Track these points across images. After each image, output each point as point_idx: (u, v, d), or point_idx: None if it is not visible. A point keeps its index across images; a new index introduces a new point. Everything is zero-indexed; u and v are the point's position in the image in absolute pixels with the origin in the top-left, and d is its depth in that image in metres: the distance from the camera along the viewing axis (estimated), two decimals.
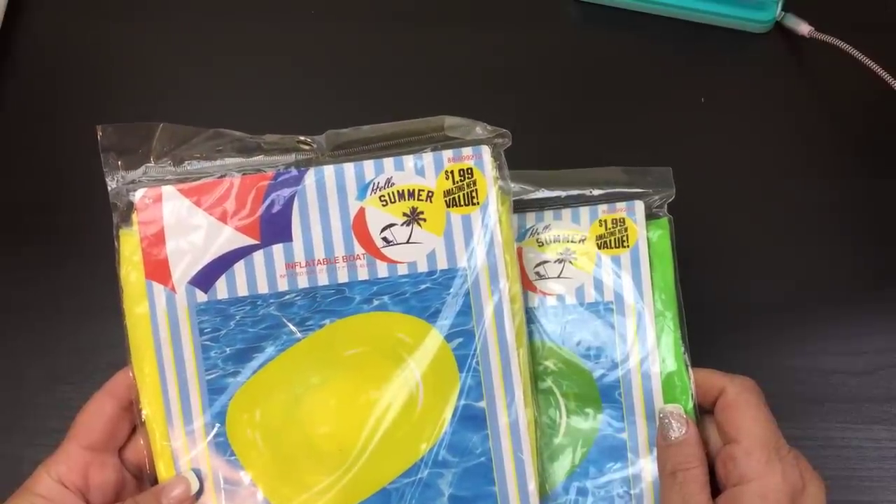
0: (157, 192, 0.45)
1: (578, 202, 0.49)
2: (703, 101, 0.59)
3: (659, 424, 0.46)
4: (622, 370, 0.47)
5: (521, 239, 0.49)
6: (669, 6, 0.60)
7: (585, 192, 0.49)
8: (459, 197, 0.46)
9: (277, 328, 0.46)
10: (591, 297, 0.48)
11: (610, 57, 0.60)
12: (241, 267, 0.45)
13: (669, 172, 0.48)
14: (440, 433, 0.45)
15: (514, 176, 0.47)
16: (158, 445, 0.45)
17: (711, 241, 0.55)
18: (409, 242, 0.46)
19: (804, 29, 0.57)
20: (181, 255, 0.45)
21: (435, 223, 0.46)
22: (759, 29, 0.59)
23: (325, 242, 0.46)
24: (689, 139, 0.58)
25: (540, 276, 0.49)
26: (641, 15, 0.60)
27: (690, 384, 0.46)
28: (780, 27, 0.59)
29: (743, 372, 0.45)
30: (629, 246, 0.48)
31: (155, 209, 0.45)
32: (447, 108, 0.47)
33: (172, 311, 0.45)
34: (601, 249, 0.48)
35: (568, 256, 0.48)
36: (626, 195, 0.48)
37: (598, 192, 0.49)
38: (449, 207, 0.46)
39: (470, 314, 0.45)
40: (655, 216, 0.49)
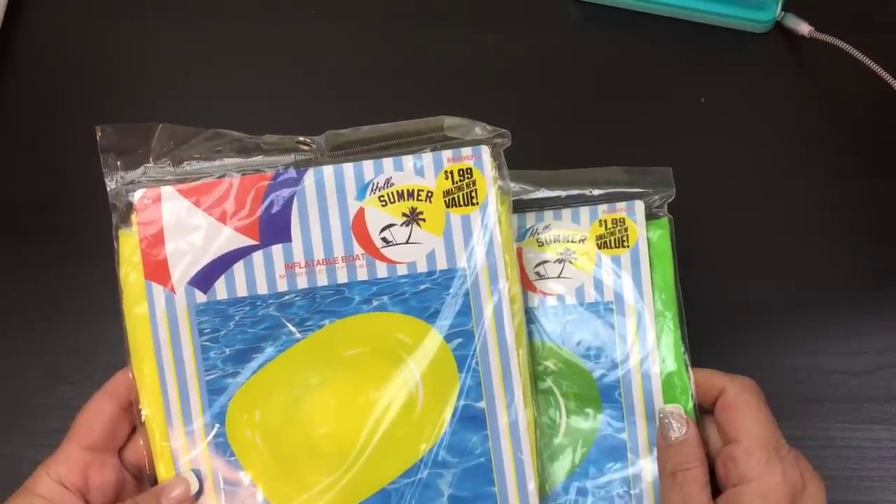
0: (156, 192, 0.45)
1: (578, 202, 0.49)
2: (703, 101, 0.59)
3: (659, 424, 0.45)
4: (622, 370, 0.47)
5: (521, 239, 0.49)
6: (669, 6, 0.60)
7: (585, 192, 0.49)
8: (459, 197, 0.46)
9: (277, 329, 0.46)
10: (591, 297, 0.48)
11: (610, 57, 0.60)
12: (240, 267, 0.45)
13: (669, 172, 0.48)
14: (440, 433, 0.45)
15: (514, 176, 0.47)
16: (158, 446, 0.45)
17: (711, 241, 0.55)
18: (408, 243, 0.46)
19: (804, 29, 0.57)
20: (180, 255, 0.45)
21: (434, 223, 0.46)
22: (759, 29, 0.59)
23: (324, 243, 0.46)
24: (689, 139, 0.58)
25: (540, 276, 0.48)
26: (641, 15, 0.60)
27: (690, 384, 0.46)
28: (780, 27, 0.59)
29: (743, 372, 0.45)
30: (629, 246, 0.48)
31: (154, 209, 0.45)
32: (447, 108, 0.47)
33: (172, 311, 0.45)
34: (601, 249, 0.48)
35: (568, 256, 0.48)
36: (626, 195, 0.48)
37: (598, 192, 0.49)
38: (448, 207, 0.46)
39: (469, 314, 0.45)
40: (655, 216, 0.49)
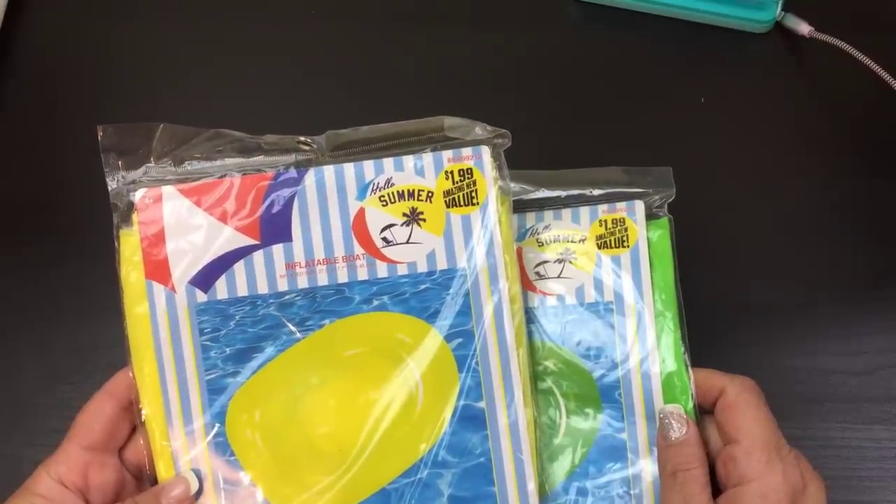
0: (157, 192, 0.45)
1: (578, 202, 0.49)
2: (703, 101, 0.59)
3: (659, 425, 0.45)
4: (622, 370, 0.47)
5: (521, 239, 0.49)
6: (669, 6, 0.60)
7: (585, 192, 0.49)
8: (459, 197, 0.46)
9: (277, 328, 0.46)
10: (591, 297, 0.48)
11: (610, 57, 0.60)
12: (240, 267, 0.45)
13: (669, 172, 0.48)
14: (440, 433, 0.45)
15: (514, 176, 0.47)
16: (158, 445, 0.45)
17: (711, 241, 0.55)
18: (408, 243, 0.46)
19: (804, 29, 0.57)
20: (181, 255, 0.45)
21: (435, 223, 0.46)
22: (759, 29, 0.59)
23: (324, 242, 0.46)
24: (689, 139, 0.58)
25: (540, 276, 0.48)
26: (641, 15, 0.60)
27: (690, 384, 0.46)
28: (780, 27, 0.59)
29: (743, 372, 0.45)
30: (629, 246, 0.48)
31: (155, 209, 0.45)
32: (447, 108, 0.47)
33: (172, 311, 0.45)
34: (601, 249, 0.48)
35: (568, 256, 0.48)
36: (626, 195, 0.48)
37: (598, 192, 0.49)
38: (448, 208, 0.46)
39: (469, 314, 0.45)
40: (655, 216, 0.49)
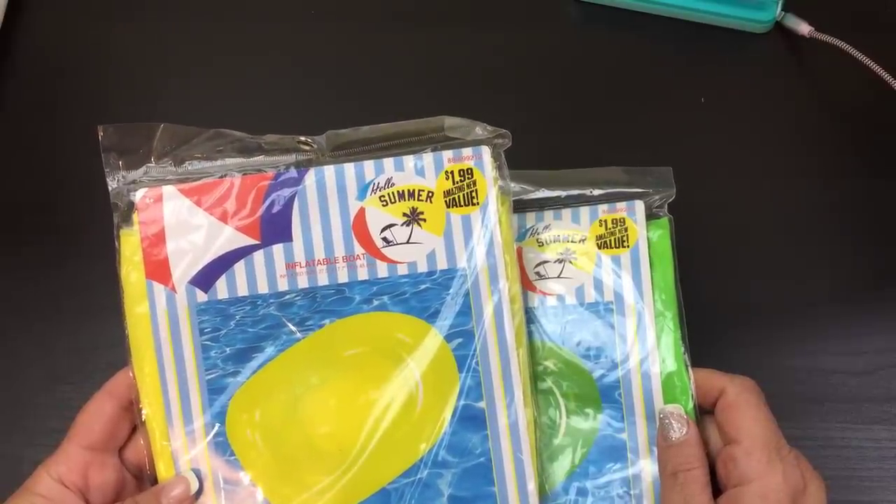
0: (157, 192, 0.45)
1: (578, 202, 0.49)
2: (703, 101, 0.59)
3: (659, 425, 0.46)
4: (622, 370, 0.47)
5: (521, 239, 0.49)
6: (669, 6, 0.60)
7: (585, 192, 0.49)
8: (459, 197, 0.46)
9: (277, 328, 0.46)
10: (591, 297, 0.48)
11: (610, 57, 0.60)
12: (241, 267, 0.45)
13: (670, 172, 0.48)
14: (440, 433, 0.45)
15: (514, 176, 0.47)
16: (158, 445, 0.45)
17: (711, 241, 0.55)
18: (408, 242, 0.46)
19: (804, 29, 0.57)
20: (181, 254, 0.45)
21: (435, 223, 0.46)
22: (759, 29, 0.59)
23: (325, 242, 0.46)
24: (689, 139, 0.58)
25: (540, 276, 0.48)
26: (641, 15, 0.60)
27: (690, 384, 0.46)
28: (780, 27, 0.59)
29: (743, 372, 0.45)
30: (629, 246, 0.48)
31: (156, 209, 0.45)
32: (447, 108, 0.47)
33: (173, 310, 0.45)
34: (601, 249, 0.48)
35: (568, 256, 0.48)
36: (626, 195, 0.48)
37: (598, 192, 0.49)
38: (449, 208, 0.46)
39: (469, 314, 0.45)
40: (656, 216, 0.49)
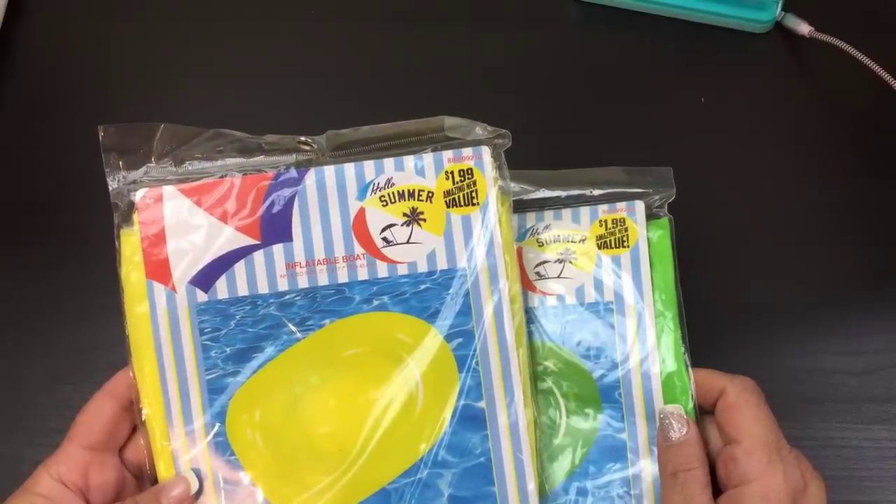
0: (158, 192, 0.45)
1: (578, 202, 0.49)
2: (703, 101, 0.59)
3: (659, 425, 0.46)
4: (622, 370, 0.47)
5: (521, 239, 0.49)
6: (669, 6, 0.60)
7: (585, 192, 0.49)
8: (459, 197, 0.46)
9: (277, 328, 0.46)
10: (591, 297, 0.48)
11: (610, 57, 0.60)
12: (241, 267, 0.45)
13: (670, 172, 0.48)
14: (440, 433, 0.45)
15: (514, 176, 0.47)
16: (158, 445, 0.45)
17: (711, 241, 0.55)
18: (409, 242, 0.46)
19: (804, 29, 0.57)
20: (182, 254, 0.45)
21: (435, 223, 0.46)
22: (759, 29, 0.59)
23: (325, 242, 0.46)
24: (689, 139, 0.58)
25: (540, 276, 0.48)
26: (641, 15, 0.60)
27: (690, 384, 0.46)
28: (780, 27, 0.59)
29: (743, 372, 0.45)
30: (629, 246, 0.48)
31: (156, 209, 0.45)
32: (447, 108, 0.47)
33: (173, 310, 0.45)
34: (601, 249, 0.48)
35: (568, 256, 0.48)
36: (626, 195, 0.48)
37: (598, 192, 0.49)
38: (449, 208, 0.46)
39: (470, 314, 0.45)
40: (656, 216, 0.49)
